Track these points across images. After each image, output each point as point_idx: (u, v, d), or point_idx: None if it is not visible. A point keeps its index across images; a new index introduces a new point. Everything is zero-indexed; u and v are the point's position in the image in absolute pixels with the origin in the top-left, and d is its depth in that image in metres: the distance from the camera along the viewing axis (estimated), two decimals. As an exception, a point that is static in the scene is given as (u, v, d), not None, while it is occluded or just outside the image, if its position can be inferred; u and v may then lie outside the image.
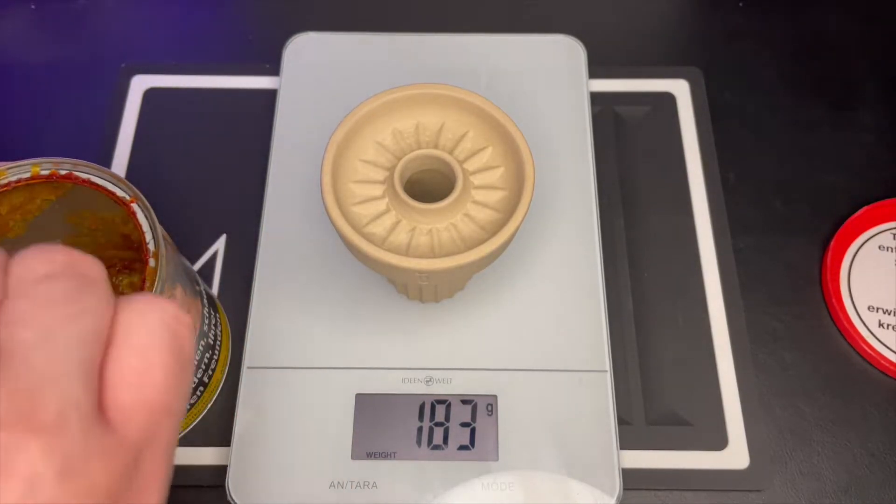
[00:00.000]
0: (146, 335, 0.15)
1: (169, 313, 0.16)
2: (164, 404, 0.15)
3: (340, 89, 0.38)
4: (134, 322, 0.15)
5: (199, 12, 0.44)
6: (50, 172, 0.27)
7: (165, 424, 0.15)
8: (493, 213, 0.29)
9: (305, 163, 0.36)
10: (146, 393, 0.15)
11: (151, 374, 0.15)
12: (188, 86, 0.40)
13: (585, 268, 0.34)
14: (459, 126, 0.30)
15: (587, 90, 0.39)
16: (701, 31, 0.43)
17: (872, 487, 0.32)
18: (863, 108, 0.41)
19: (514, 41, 0.40)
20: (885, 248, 0.36)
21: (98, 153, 0.38)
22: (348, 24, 0.41)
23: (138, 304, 0.16)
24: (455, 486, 0.30)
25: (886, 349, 0.34)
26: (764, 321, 0.35)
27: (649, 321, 0.35)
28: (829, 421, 0.33)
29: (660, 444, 0.32)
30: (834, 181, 0.38)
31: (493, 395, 0.32)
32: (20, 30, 0.43)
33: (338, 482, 0.30)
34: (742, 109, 0.40)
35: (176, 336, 0.16)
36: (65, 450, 0.13)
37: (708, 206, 0.37)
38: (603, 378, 0.32)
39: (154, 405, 0.15)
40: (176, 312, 0.16)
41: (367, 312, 0.33)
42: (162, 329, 0.16)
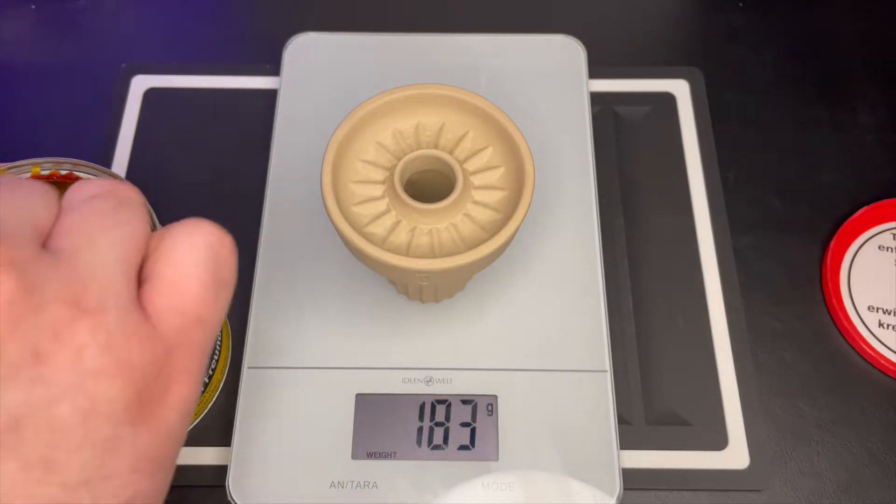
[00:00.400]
0: (187, 250, 0.17)
1: (213, 235, 0.18)
2: (196, 313, 0.17)
3: (340, 89, 0.38)
4: (178, 239, 0.18)
5: (200, 12, 0.44)
6: (50, 172, 0.27)
7: (198, 331, 0.17)
8: (494, 214, 0.29)
9: (305, 163, 0.36)
10: (179, 300, 0.17)
11: (185, 285, 0.17)
12: (188, 86, 0.40)
13: (585, 268, 0.34)
14: (460, 126, 0.30)
15: (587, 90, 0.39)
16: (701, 31, 0.43)
17: (872, 487, 0.32)
18: (863, 108, 0.41)
19: (514, 41, 0.40)
20: (885, 248, 0.36)
21: (98, 153, 0.38)
22: (348, 24, 0.41)
23: (186, 226, 0.18)
24: (455, 486, 0.30)
25: (886, 349, 0.34)
26: (764, 321, 0.35)
27: (649, 321, 0.35)
28: (829, 421, 0.33)
29: (660, 444, 0.32)
30: (834, 181, 0.38)
31: (493, 395, 0.32)
32: (20, 30, 0.43)
33: (338, 482, 0.30)
34: (742, 109, 0.40)
35: (216, 255, 0.18)
36: (107, 328, 0.15)
37: (708, 206, 0.37)
38: (603, 378, 0.32)
39: (187, 312, 0.17)
40: (220, 235, 0.18)
41: (367, 312, 0.33)
42: (203, 247, 0.18)
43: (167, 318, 0.17)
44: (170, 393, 0.17)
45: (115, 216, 0.17)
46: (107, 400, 0.15)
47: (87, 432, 0.15)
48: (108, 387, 0.15)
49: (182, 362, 0.17)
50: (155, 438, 0.16)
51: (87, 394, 0.15)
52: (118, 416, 0.15)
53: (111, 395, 0.15)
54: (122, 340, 0.15)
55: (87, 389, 0.15)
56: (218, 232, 0.18)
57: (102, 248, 0.16)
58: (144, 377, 0.16)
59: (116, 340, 0.15)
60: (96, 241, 0.16)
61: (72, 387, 0.14)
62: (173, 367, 0.17)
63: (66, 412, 0.14)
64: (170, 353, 0.16)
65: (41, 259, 0.15)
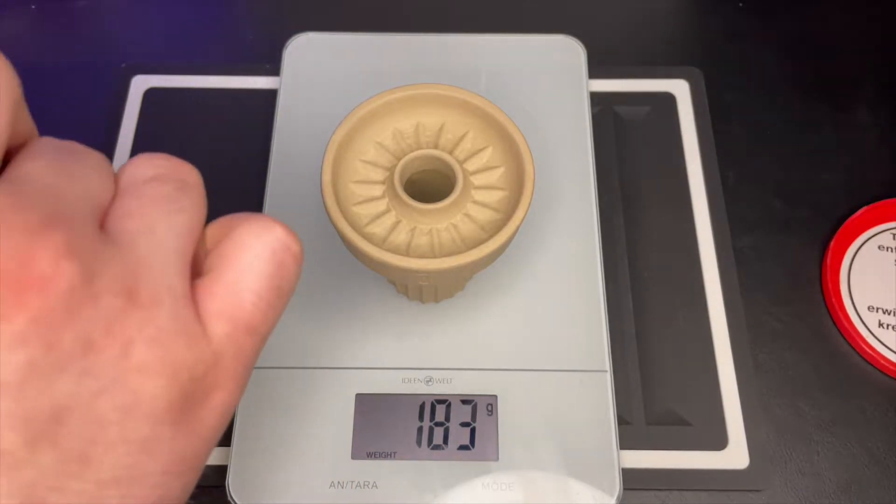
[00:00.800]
0: (251, 255, 0.17)
1: (281, 241, 0.17)
2: (249, 323, 0.17)
3: (340, 89, 0.38)
4: (245, 239, 0.17)
5: (200, 12, 0.44)
6: (50, 172, 0.27)
7: (248, 340, 0.17)
8: (493, 214, 0.29)
9: (305, 163, 0.36)
10: (233, 308, 0.16)
11: (243, 293, 0.16)
12: (188, 86, 0.40)
13: (585, 268, 0.34)
14: (459, 126, 0.30)
15: (587, 90, 0.39)
16: (701, 31, 0.43)
17: (872, 487, 0.32)
18: (863, 108, 0.41)
19: (514, 41, 0.40)
20: (885, 248, 0.36)
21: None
22: (348, 24, 0.41)
23: (256, 225, 0.17)
24: (455, 486, 0.30)
25: (886, 349, 0.34)
26: (764, 321, 0.35)
27: (649, 321, 0.35)
28: (829, 421, 0.33)
29: (660, 444, 0.32)
30: (834, 181, 0.38)
31: (493, 395, 0.32)
32: (20, 30, 0.43)
33: (338, 482, 0.30)
34: (742, 109, 0.40)
35: (280, 264, 0.17)
36: (157, 324, 0.14)
37: (708, 206, 0.37)
38: (603, 378, 0.32)
39: (238, 320, 0.16)
40: (287, 242, 0.17)
41: (367, 312, 0.33)
42: (269, 253, 0.17)
43: (217, 323, 0.16)
44: (212, 398, 0.16)
45: (176, 202, 0.16)
46: (149, 398, 0.14)
47: (125, 430, 0.14)
48: (153, 385, 0.14)
49: (228, 368, 0.16)
50: (192, 441, 0.16)
51: (128, 390, 0.14)
52: (159, 416, 0.15)
53: (154, 392, 0.14)
54: (171, 338, 0.15)
55: (130, 385, 0.14)
56: (287, 238, 0.17)
57: (161, 236, 0.15)
58: (190, 378, 0.15)
59: (165, 338, 0.15)
60: (155, 229, 0.15)
61: (115, 381, 0.14)
62: (219, 371, 0.16)
63: (108, 407, 0.14)
64: (217, 358, 0.16)
65: (101, 245, 0.14)
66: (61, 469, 0.13)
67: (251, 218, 0.17)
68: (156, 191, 0.16)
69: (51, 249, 0.13)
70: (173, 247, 0.16)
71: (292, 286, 0.18)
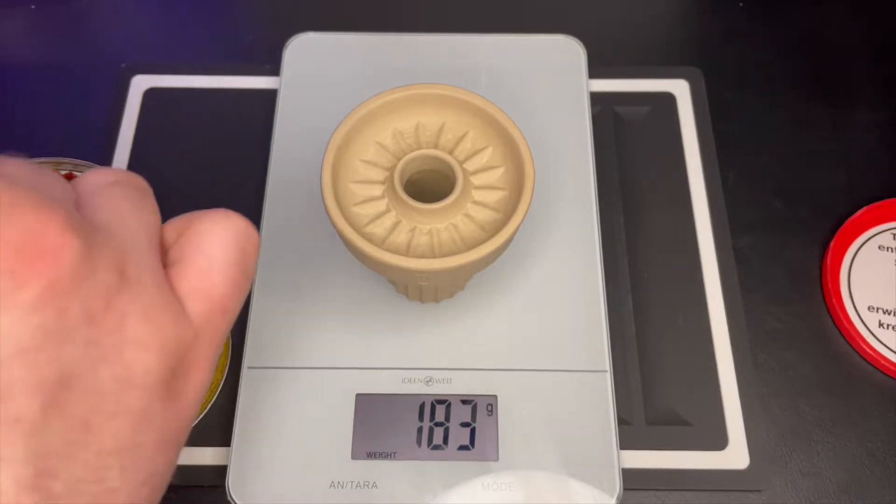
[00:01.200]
0: (217, 240, 0.18)
1: (241, 229, 0.19)
2: (222, 303, 0.18)
3: (340, 89, 0.38)
4: (209, 227, 0.18)
5: (200, 12, 0.44)
6: (50, 172, 0.27)
7: (221, 320, 0.18)
8: (493, 214, 0.29)
9: (305, 163, 0.36)
10: (208, 287, 0.17)
11: (214, 273, 0.18)
12: (188, 86, 0.40)
13: (585, 268, 0.34)
14: (459, 126, 0.30)
15: (587, 90, 0.39)
16: (701, 31, 0.43)
17: (872, 487, 0.32)
18: (863, 108, 0.41)
19: (514, 41, 0.40)
20: (885, 248, 0.36)
21: (98, 153, 0.38)
22: (348, 24, 0.41)
23: (217, 215, 0.19)
24: (455, 486, 0.30)
25: (886, 349, 0.34)
26: (764, 321, 0.35)
27: (649, 321, 0.35)
28: (829, 421, 0.33)
29: (660, 444, 0.32)
30: (834, 181, 0.38)
31: (493, 395, 0.32)
32: (20, 30, 0.43)
33: (338, 482, 0.30)
34: (742, 109, 0.40)
35: (243, 248, 0.18)
36: (145, 300, 0.15)
37: (708, 205, 0.37)
38: (603, 378, 0.32)
39: (213, 300, 0.17)
40: (247, 230, 0.19)
41: (367, 312, 0.33)
42: (233, 238, 0.18)
43: (195, 303, 0.17)
44: (191, 377, 0.17)
45: (138, 202, 0.18)
46: (142, 371, 0.15)
47: (122, 400, 0.15)
48: (144, 358, 0.15)
49: (204, 348, 0.17)
50: (177, 417, 0.17)
51: (124, 361, 0.15)
52: (152, 389, 0.15)
53: (146, 366, 0.15)
54: (159, 314, 0.16)
55: (125, 357, 0.15)
56: (246, 226, 0.19)
57: (133, 227, 0.17)
58: (176, 354, 0.16)
59: (154, 313, 0.15)
60: (127, 220, 0.17)
61: (113, 352, 0.15)
62: (197, 351, 0.17)
63: (107, 377, 0.15)
64: (196, 337, 0.17)
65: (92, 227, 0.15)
66: (69, 437, 0.14)
67: (211, 211, 0.19)
68: (119, 192, 0.17)
69: (58, 224, 0.14)
70: (146, 238, 0.17)
71: (253, 272, 0.19)
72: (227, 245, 0.18)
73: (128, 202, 0.17)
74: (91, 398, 0.14)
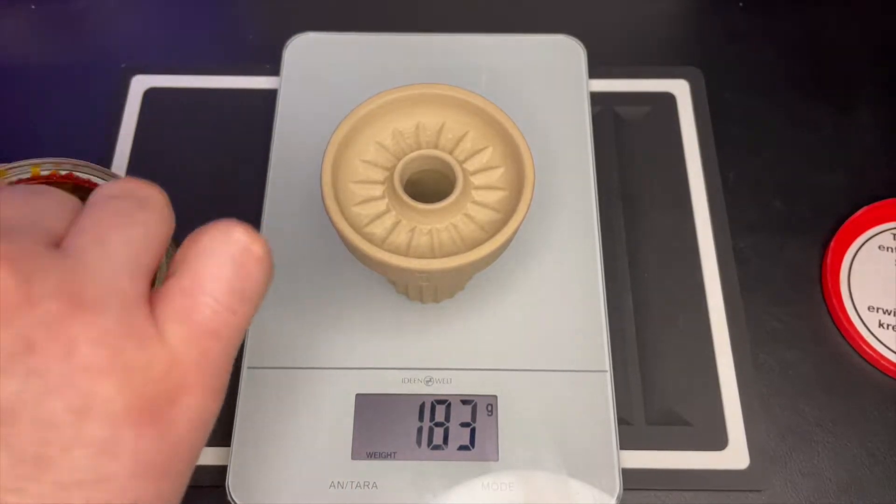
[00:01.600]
0: (208, 261, 0.17)
1: (240, 244, 0.17)
2: (207, 327, 0.17)
3: (340, 89, 0.38)
4: (203, 244, 0.17)
5: (199, 12, 0.44)
6: (50, 173, 0.27)
7: (210, 344, 0.17)
8: (493, 214, 0.29)
9: (305, 163, 0.36)
10: (187, 310, 0.16)
11: (198, 295, 0.17)
12: (188, 86, 0.40)
13: (585, 268, 0.34)
14: (459, 126, 0.30)
15: (587, 90, 0.39)
16: (701, 31, 0.43)
17: (872, 487, 0.32)
18: (863, 108, 0.41)
19: (514, 41, 0.40)
20: (885, 248, 0.36)
21: (98, 153, 0.38)
22: (348, 24, 0.41)
23: (215, 229, 0.17)
24: (455, 487, 0.30)
25: (886, 349, 0.34)
26: (764, 321, 0.35)
27: (649, 321, 0.35)
28: (829, 421, 0.33)
29: (660, 444, 0.32)
30: (834, 181, 0.38)
31: (493, 395, 0.32)
32: (20, 30, 0.43)
33: (338, 482, 0.30)
34: (742, 109, 0.40)
35: (240, 268, 0.17)
36: (102, 325, 0.15)
37: (708, 206, 0.37)
38: (603, 378, 0.32)
39: (195, 323, 0.16)
40: (248, 244, 0.17)
41: (368, 312, 0.33)
42: (226, 258, 0.17)
43: (172, 326, 0.16)
44: (179, 402, 0.16)
45: (130, 216, 0.17)
46: (103, 399, 0.15)
47: (80, 431, 0.14)
48: (103, 385, 0.15)
49: (193, 373, 0.16)
50: (161, 445, 0.16)
51: (79, 390, 0.14)
52: (117, 417, 0.15)
53: (107, 394, 0.15)
54: (118, 339, 0.15)
55: (80, 386, 0.14)
56: (246, 239, 0.18)
57: (113, 247, 0.16)
58: (145, 380, 0.15)
59: (111, 339, 0.15)
60: (106, 240, 0.16)
61: (63, 382, 0.14)
62: (183, 376, 0.16)
63: (59, 408, 0.14)
64: (175, 361, 0.16)
65: (42, 255, 0.15)
66: (16, 471, 0.14)
67: (213, 224, 0.18)
68: (112, 207, 0.17)
69: None
70: (126, 256, 0.16)
71: (259, 288, 0.18)
72: (219, 263, 0.17)
73: (116, 217, 0.17)
74: (40, 430, 0.14)
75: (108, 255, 0.16)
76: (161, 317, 0.16)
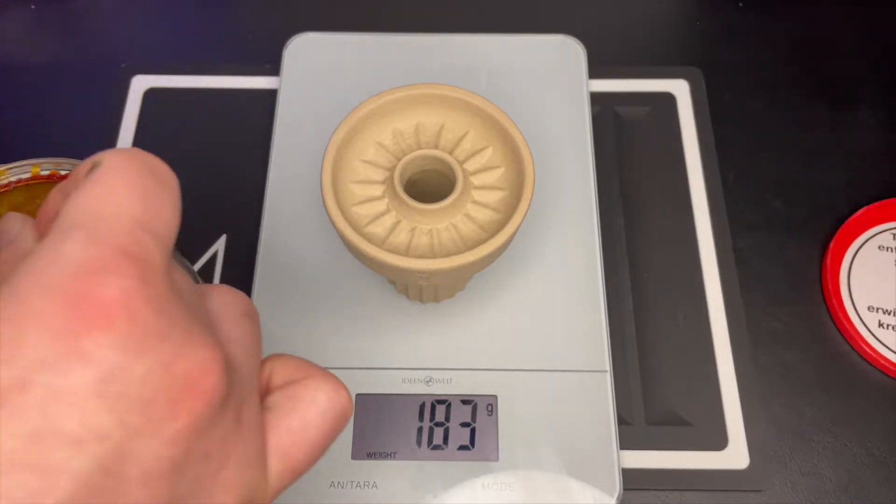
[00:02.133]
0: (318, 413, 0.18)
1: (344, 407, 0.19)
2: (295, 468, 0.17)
3: (340, 89, 0.38)
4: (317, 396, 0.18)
5: (200, 12, 0.44)
6: (50, 173, 0.27)
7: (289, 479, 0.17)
8: (494, 214, 0.29)
9: (305, 163, 0.36)
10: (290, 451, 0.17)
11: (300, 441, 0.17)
12: (188, 86, 0.40)
13: (585, 268, 0.34)
14: (459, 126, 0.30)
15: (587, 90, 0.39)
16: (701, 31, 0.43)
17: (872, 487, 0.32)
18: (863, 108, 0.41)
19: (514, 41, 0.40)
20: (885, 248, 0.36)
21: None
22: (348, 24, 0.41)
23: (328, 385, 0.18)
24: (455, 487, 0.30)
25: (886, 349, 0.34)
26: (764, 321, 0.35)
27: (649, 321, 0.35)
28: (829, 421, 0.33)
29: (660, 444, 0.32)
30: (834, 181, 0.38)
31: (493, 395, 0.32)
32: (20, 30, 0.43)
33: (338, 482, 0.30)
34: (742, 109, 0.40)
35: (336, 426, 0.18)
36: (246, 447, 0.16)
37: (708, 206, 0.37)
38: (603, 378, 0.32)
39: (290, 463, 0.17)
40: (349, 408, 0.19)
41: (367, 312, 0.33)
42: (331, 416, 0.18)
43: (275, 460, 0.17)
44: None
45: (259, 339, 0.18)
46: None
47: None
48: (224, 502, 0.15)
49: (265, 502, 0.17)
50: None
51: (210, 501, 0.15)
52: None
53: None
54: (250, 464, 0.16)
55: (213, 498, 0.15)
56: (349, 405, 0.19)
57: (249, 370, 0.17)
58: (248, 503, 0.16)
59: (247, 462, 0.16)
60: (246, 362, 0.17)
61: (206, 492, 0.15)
62: None
63: None
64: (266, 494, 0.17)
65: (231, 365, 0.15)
66: None
67: (326, 375, 0.19)
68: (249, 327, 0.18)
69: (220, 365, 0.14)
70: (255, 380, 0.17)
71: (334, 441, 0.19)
72: (325, 415, 0.18)
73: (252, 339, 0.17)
74: None
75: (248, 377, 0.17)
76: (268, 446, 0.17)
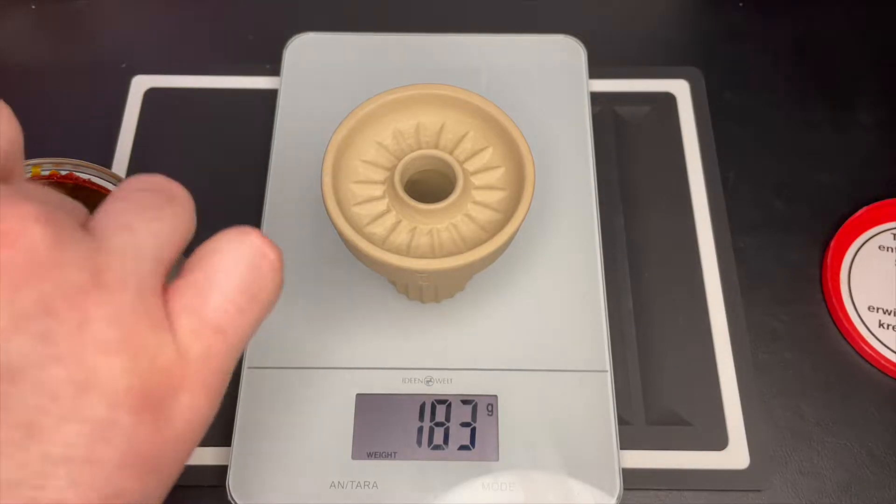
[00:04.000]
0: (222, 260, 0.17)
1: (256, 248, 0.18)
2: (215, 323, 0.17)
3: (340, 89, 0.38)
4: (219, 244, 0.18)
5: (200, 12, 0.44)
6: (50, 173, 0.27)
7: (216, 342, 0.17)
8: (494, 214, 0.29)
9: (305, 163, 0.36)
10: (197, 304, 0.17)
11: (209, 291, 0.17)
12: (188, 86, 0.40)
13: (585, 268, 0.34)
14: (460, 126, 0.30)
15: (587, 90, 0.39)
16: (701, 31, 0.43)
17: (872, 487, 0.32)
18: (863, 108, 0.41)
19: (514, 41, 0.40)
20: (885, 248, 0.36)
21: (98, 153, 0.38)
22: (348, 24, 0.41)
23: (233, 232, 0.18)
24: (455, 486, 0.30)
25: (886, 349, 0.34)
26: (764, 321, 0.35)
27: (649, 321, 0.35)
28: (829, 421, 0.33)
29: (660, 444, 0.32)
30: (834, 181, 0.38)
31: (493, 395, 0.32)
32: (20, 30, 0.43)
33: (338, 482, 0.30)
34: (742, 109, 0.40)
35: (254, 269, 0.17)
36: (119, 305, 0.15)
37: (708, 205, 0.37)
38: (603, 378, 0.32)
39: (203, 318, 0.17)
40: (263, 249, 0.18)
41: (368, 312, 0.33)
42: (241, 257, 0.17)
43: (182, 317, 0.16)
44: (180, 398, 0.16)
45: (158, 210, 0.17)
46: (107, 377, 0.14)
47: (79, 406, 0.14)
48: (110, 364, 0.15)
49: (195, 370, 0.16)
50: (155, 438, 0.15)
51: (85, 364, 0.14)
52: (117, 399, 0.15)
53: (112, 373, 0.15)
54: (132, 321, 0.15)
55: (87, 360, 0.14)
56: (263, 246, 0.18)
57: (139, 235, 0.16)
58: (152, 366, 0.15)
59: (126, 319, 0.15)
60: (134, 228, 0.16)
61: (71, 353, 0.14)
62: (186, 370, 0.16)
63: (62, 377, 0.14)
64: (181, 353, 0.16)
65: (75, 227, 0.15)
66: (6, 434, 0.13)
67: (230, 228, 0.18)
68: (142, 198, 0.17)
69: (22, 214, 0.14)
70: (150, 248, 0.16)
71: (271, 294, 0.18)
72: (234, 263, 0.17)
73: (144, 210, 0.17)
74: (39, 396, 0.14)
75: (133, 242, 0.16)
76: (172, 309, 0.16)
